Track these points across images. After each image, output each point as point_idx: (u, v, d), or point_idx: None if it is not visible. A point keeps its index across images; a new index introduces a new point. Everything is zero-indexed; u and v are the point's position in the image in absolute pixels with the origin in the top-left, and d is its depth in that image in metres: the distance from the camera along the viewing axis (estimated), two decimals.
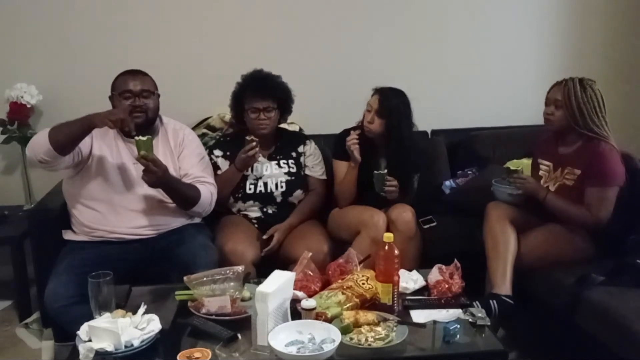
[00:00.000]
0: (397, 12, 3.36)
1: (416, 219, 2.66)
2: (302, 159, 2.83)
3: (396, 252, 1.90)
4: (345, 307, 1.87)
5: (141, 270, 2.33)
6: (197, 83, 3.24)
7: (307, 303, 1.80)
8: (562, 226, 2.45)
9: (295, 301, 1.86)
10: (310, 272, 2.07)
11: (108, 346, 1.63)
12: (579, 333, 2.21)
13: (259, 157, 2.66)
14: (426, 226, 2.82)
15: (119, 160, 2.41)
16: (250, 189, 2.72)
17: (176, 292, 1.99)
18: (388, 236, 1.91)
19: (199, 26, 3.23)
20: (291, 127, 3.09)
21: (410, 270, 2.15)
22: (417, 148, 2.76)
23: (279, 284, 1.72)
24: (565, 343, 2.34)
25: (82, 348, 1.64)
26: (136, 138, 2.17)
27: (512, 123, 3.40)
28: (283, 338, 1.68)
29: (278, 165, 2.78)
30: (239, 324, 1.79)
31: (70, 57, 3.17)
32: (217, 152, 2.77)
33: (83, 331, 1.68)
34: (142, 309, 1.76)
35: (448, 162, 3.25)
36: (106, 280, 1.76)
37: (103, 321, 1.68)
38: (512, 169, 2.49)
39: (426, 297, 2.03)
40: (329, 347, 1.64)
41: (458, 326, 1.76)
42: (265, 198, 2.73)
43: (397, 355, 1.71)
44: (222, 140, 2.88)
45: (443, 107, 3.42)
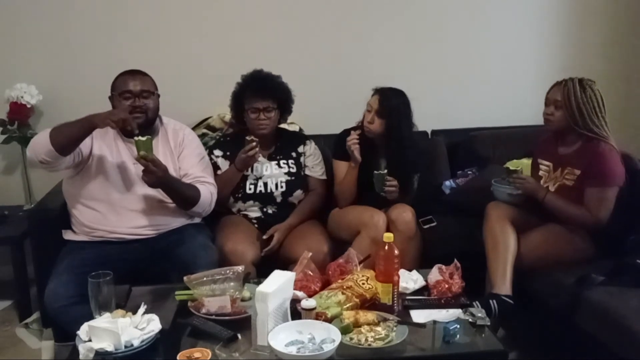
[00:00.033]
0: (397, 12, 3.36)
1: (416, 219, 2.66)
2: (302, 159, 2.83)
3: (396, 252, 1.90)
4: (345, 307, 1.87)
5: (141, 270, 2.33)
6: (197, 83, 3.24)
7: (307, 303, 1.80)
8: (562, 226, 2.45)
9: (295, 301, 1.86)
10: (310, 272, 2.07)
11: (108, 346, 1.63)
12: (579, 333, 2.21)
13: (259, 157, 2.66)
14: (426, 226, 2.82)
15: (119, 160, 2.41)
16: (250, 189, 2.72)
17: (176, 292, 1.99)
18: (388, 236, 1.91)
19: (199, 26, 3.23)
20: (291, 127, 3.09)
21: (410, 270, 2.15)
22: (417, 148, 2.76)
23: (279, 284, 1.72)
24: (565, 343, 2.34)
25: (82, 348, 1.64)
26: (136, 138, 2.17)
27: (512, 123, 3.40)
28: (283, 338, 1.68)
29: (278, 165, 2.78)
30: (239, 324, 1.79)
31: (70, 57, 3.17)
32: (217, 152, 2.77)
33: (83, 331, 1.68)
34: (142, 309, 1.76)
35: (448, 162, 3.25)
36: (106, 280, 1.76)
37: (103, 321, 1.68)
38: (512, 169, 2.49)
39: (426, 297, 2.03)
40: (329, 347, 1.64)
41: (458, 326, 1.76)
42: (265, 198, 2.73)
43: (397, 355, 1.71)
44: (222, 140, 2.88)
45: (443, 107, 3.42)
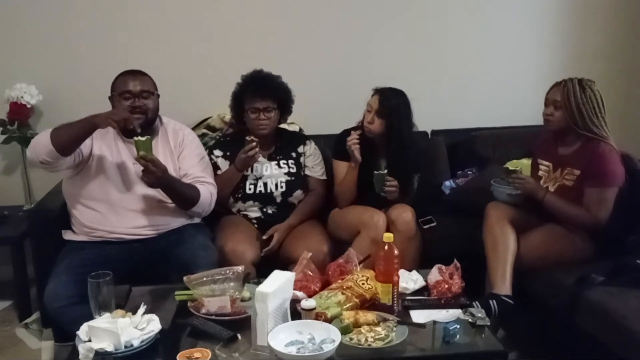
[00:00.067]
0: (397, 12, 3.36)
1: (416, 219, 2.66)
2: (302, 159, 2.83)
3: (396, 252, 1.90)
4: (345, 307, 1.87)
5: (141, 270, 2.33)
6: (197, 83, 3.24)
7: (307, 303, 1.80)
8: (562, 226, 2.45)
9: (295, 301, 1.86)
10: (310, 272, 2.07)
11: (108, 346, 1.63)
12: (579, 333, 2.21)
13: (259, 158, 2.66)
14: (426, 226, 2.82)
15: (119, 160, 2.40)
16: (250, 189, 2.72)
17: (176, 292, 1.99)
18: (388, 236, 1.91)
19: (199, 26, 3.23)
20: (291, 127, 3.09)
21: (410, 270, 2.15)
22: (417, 148, 2.76)
23: (279, 284, 1.72)
24: (565, 343, 2.34)
25: (82, 348, 1.64)
26: (135, 138, 2.17)
27: (512, 123, 3.40)
28: (283, 338, 1.68)
29: (278, 165, 2.78)
30: (239, 324, 1.79)
31: (70, 57, 3.17)
32: (217, 152, 2.77)
33: (83, 331, 1.68)
34: (142, 309, 1.76)
35: (448, 162, 3.25)
36: (106, 280, 1.76)
37: (103, 321, 1.68)
38: (511, 169, 2.49)
39: (426, 298, 2.03)
40: (329, 347, 1.64)
41: (458, 326, 1.76)
42: (265, 198, 2.73)
43: (397, 355, 1.71)
44: (222, 140, 2.88)
45: (443, 107, 3.42)
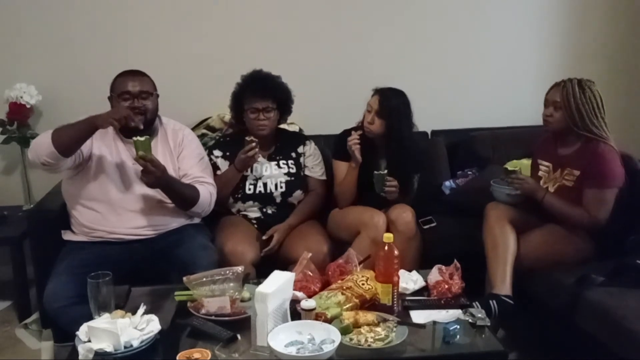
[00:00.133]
0: (397, 12, 3.36)
1: (416, 220, 2.66)
2: (302, 160, 2.83)
3: (396, 253, 1.90)
4: (345, 308, 1.87)
5: (141, 270, 2.33)
6: (197, 83, 3.24)
7: (307, 303, 1.80)
8: (562, 227, 2.45)
9: (294, 302, 1.86)
10: (309, 273, 2.07)
11: (107, 347, 1.63)
12: (579, 333, 2.21)
13: (259, 158, 2.66)
14: (426, 226, 2.82)
15: (119, 160, 2.40)
16: (249, 190, 2.71)
17: (176, 293, 1.99)
18: (388, 236, 1.91)
19: (199, 26, 3.23)
20: (291, 128, 3.09)
21: (410, 270, 2.15)
22: (417, 148, 2.76)
23: (279, 285, 1.72)
24: (565, 343, 2.34)
25: (82, 349, 1.64)
26: (134, 138, 2.17)
27: (512, 123, 3.40)
28: (283, 338, 1.68)
29: (278, 165, 2.78)
30: (239, 325, 1.79)
31: (70, 57, 3.17)
32: (217, 153, 2.77)
33: (82, 332, 1.68)
34: (142, 310, 1.76)
35: (448, 163, 3.25)
36: (105, 280, 1.75)
37: (102, 322, 1.68)
38: (510, 169, 2.49)
39: (426, 298, 2.03)
40: (329, 348, 1.64)
41: (458, 327, 1.76)
42: (264, 198, 2.73)
43: (397, 355, 1.70)
44: (222, 140, 2.88)
45: (443, 108, 3.42)
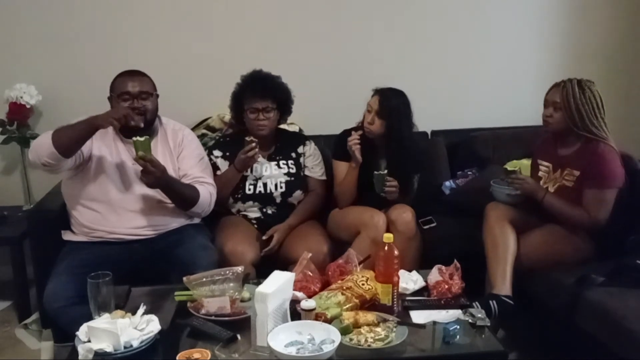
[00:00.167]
0: (397, 13, 3.36)
1: (416, 220, 2.66)
2: (302, 160, 2.83)
3: (396, 253, 1.90)
4: (344, 308, 1.87)
5: (140, 270, 2.33)
6: (197, 83, 3.24)
7: (307, 304, 1.80)
8: (562, 227, 2.45)
9: (294, 302, 1.86)
10: (309, 273, 2.07)
11: (107, 347, 1.63)
12: (579, 333, 2.21)
13: (259, 158, 2.66)
14: (426, 227, 2.82)
15: (119, 160, 2.40)
16: (249, 190, 2.71)
17: (175, 293, 1.99)
18: (388, 237, 1.91)
19: (199, 26, 3.23)
20: (291, 128, 3.08)
21: (410, 270, 2.15)
22: (417, 148, 2.76)
23: (279, 285, 1.72)
24: (565, 343, 2.34)
25: (82, 349, 1.64)
26: (134, 139, 2.17)
27: (512, 124, 3.39)
28: (282, 339, 1.68)
29: (278, 165, 2.78)
30: (239, 325, 1.79)
31: (70, 57, 3.17)
32: (217, 153, 2.77)
33: (82, 332, 1.68)
34: (142, 310, 1.76)
35: (448, 163, 3.24)
36: (105, 280, 1.75)
37: (102, 322, 1.68)
38: (510, 169, 2.49)
39: (426, 298, 2.03)
40: (329, 348, 1.64)
41: (458, 327, 1.76)
42: (264, 198, 2.73)
43: (397, 356, 1.70)
44: (222, 140, 2.88)
45: (443, 108, 3.42)
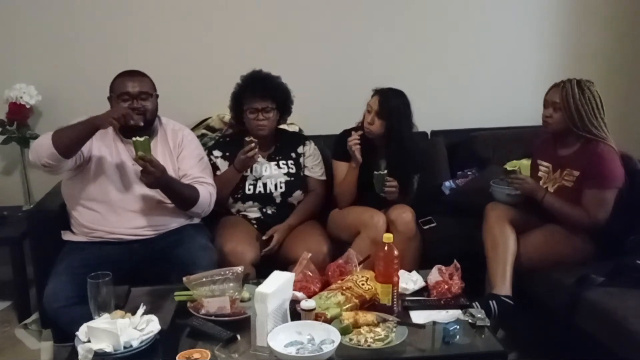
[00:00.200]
0: (397, 13, 3.36)
1: (416, 220, 2.66)
2: (302, 160, 2.83)
3: (396, 253, 1.90)
4: (344, 308, 1.87)
5: (140, 270, 2.33)
6: (197, 83, 3.24)
7: (307, 304, 1.80)
8: (562, 227, 2.45)
9: (294, 302, 1.86)
10: (309, 273, 2.07)
11: (107, 347, 1.63)
12: (579, 333, 2.21)
13: (258, 158, 2.66)
14: (426, 227, 2.82)
15: (118, 160, 2.40)
16: (249, 190, 2.71)
17: (175, 293, 1.99)
18: (388, 237, 1.91)
19: (199, 26, 3.23)
20: (291, 128, 3.09)
21: (409, 270, 2.15)
22: (417, 149, 2.76)
23: (279, 285, 1.72)
24: (565, 343, 2.34)
25: (81, 349, 1.64)
26: (134, 139, 2.17)
27: (512, 124, 3.40)
28: (282, 339, 1.68)
29: (277, 165, 2.78)
30: (238, 325, 1.79)
31: (69, 57, 3.17)
32: (217, 153, 2.77)
33: (82, 332, 1.68)
34: (142, 310, 1.76)
35: (448, 163, 3.24)
36: (105, 280, 1.75)
37: (102, 322, 1.68)
38: (510, 169, 2.49)
39: (426, 298, 2.03)
40: (329, 348, 1.64)
41: (458, 327, 1.76)
42: (264, 199, 2.73)
43: (397, 356, 1.70)
44: (222, 140, 2.88)
45: (443, 108, 3.42)
